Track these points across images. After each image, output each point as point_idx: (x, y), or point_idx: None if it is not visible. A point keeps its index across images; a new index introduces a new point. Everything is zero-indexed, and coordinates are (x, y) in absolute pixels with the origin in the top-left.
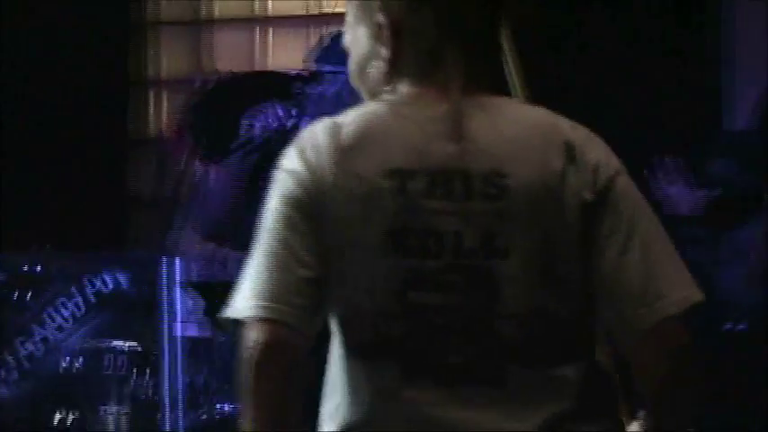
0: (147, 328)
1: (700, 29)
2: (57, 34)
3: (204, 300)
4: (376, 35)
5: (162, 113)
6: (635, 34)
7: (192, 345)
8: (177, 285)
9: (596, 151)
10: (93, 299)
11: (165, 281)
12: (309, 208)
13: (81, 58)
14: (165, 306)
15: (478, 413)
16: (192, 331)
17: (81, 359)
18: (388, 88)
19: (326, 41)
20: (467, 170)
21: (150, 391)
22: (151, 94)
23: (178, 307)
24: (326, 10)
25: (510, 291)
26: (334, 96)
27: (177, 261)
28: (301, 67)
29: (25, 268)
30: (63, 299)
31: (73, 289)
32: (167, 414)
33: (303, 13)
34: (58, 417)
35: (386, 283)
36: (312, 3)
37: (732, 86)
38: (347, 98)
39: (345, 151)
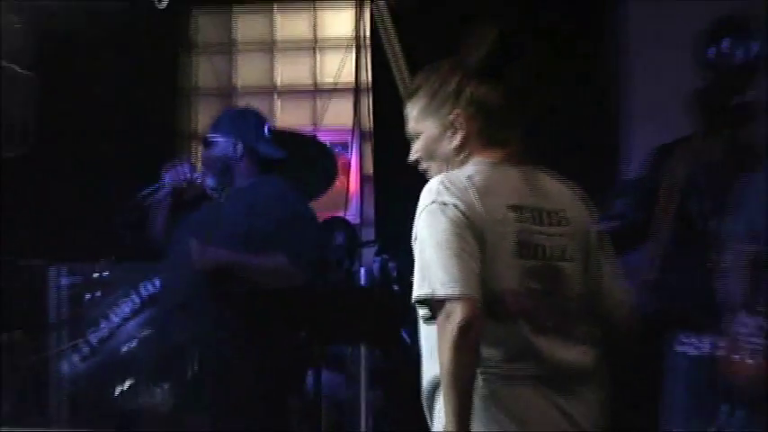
0: None
1: (603, 97)
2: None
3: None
4: (445, 124)
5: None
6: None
7: None
8: None
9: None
10: (146, 299)
11: None
12: (473, 227)
13: (134, 120)
14: None
15: (568, 351)
16: None
17: (138, 344)
18: (460, 157)
19: (218, 115)
20: (547, 208)
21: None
22: (193, 144)
23: None
24: (329, 82)
25: (572, 282)
26: (206, 157)
27: None
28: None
29: (95, 275)
30: (124, 299)
31: (131, 291)
32: None
33: (311, 84)
34: (124, 387)
35: (514, 275)
36: (318, 77)
37: (627, 144)
38: (213, 158)
39: (482, 193)
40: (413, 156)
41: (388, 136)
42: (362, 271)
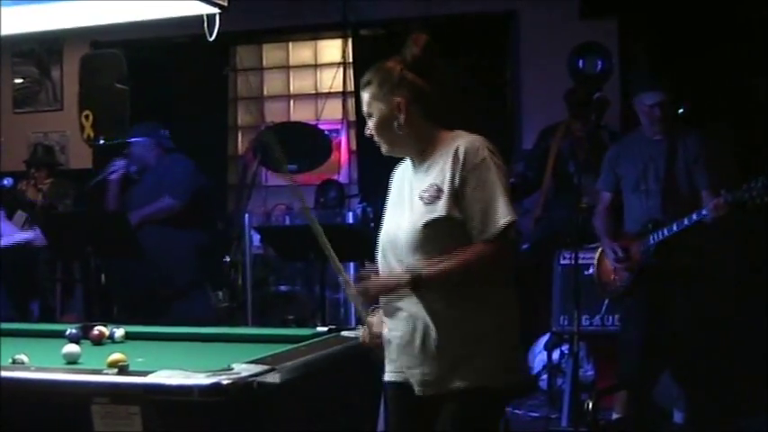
0: None
1: (504, 90)
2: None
3: (265, 236)
4: (393, 107)
5: (243, 143)
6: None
7: None
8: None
9: None
10: None
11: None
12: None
13: (194, 117)
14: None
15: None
16: None
17: None
18: (403, 132)
19: (135, 126)
20: None
21: None
22: (239, 134)
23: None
24: (325, 91)
25: None
26: (130, 153)
27: (247, 216)
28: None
29: None
30: None
31: None
32: None
33: (313, 91)
34: None
35: None
36: (318, 87)
37: (523, 126)
38: (135, 154)
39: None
40: (367, 132)
41: (365, 125)
42: (350, 214)
